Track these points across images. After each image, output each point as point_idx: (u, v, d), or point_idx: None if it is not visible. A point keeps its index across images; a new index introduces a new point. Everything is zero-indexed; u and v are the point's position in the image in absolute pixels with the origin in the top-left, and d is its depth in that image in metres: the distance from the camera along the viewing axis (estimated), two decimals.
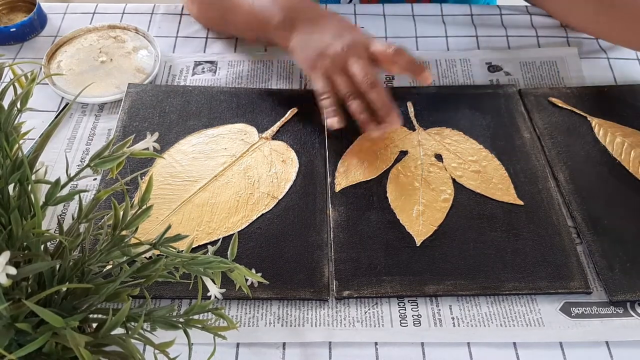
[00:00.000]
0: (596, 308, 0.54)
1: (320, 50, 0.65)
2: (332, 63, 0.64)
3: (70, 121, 0.69)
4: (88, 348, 0.32)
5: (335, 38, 0.65)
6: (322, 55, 0.65)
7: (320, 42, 0.66)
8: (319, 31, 0.67)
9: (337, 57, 0.64)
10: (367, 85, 0.62)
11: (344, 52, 0.63)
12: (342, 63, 0.63)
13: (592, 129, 0.68)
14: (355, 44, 0.64)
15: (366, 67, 0.63)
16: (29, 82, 0.37)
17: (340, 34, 0.65)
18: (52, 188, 0.37)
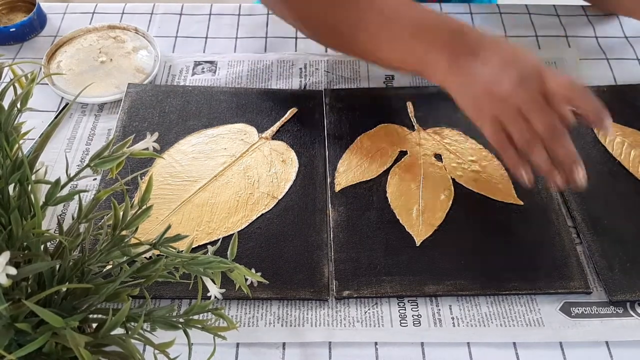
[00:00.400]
0: (596, 308, 0.54)
1: (485, 89, 0.54)
2: (502, 107, 0.53)
3: (70, 121, 0.69)
4: (88, 348, 0.32)
5: (502, 72, 0.54)
6: (488, 97, 0.54)
7: (484, 79, 0.55)
8: (481, 63, 0.55)
9: (507, 98, 0.53)
10: (550, 137, 0.52)
11: (515, 92, 0.53)
12: (515, 105, 0.53)
13: (592, 129, 0.68)
14: (527, 79, 0.53)
15: (547, 114, 0.52)
16: (29, 82, 0.37)
17: (507, 66, 0.54)
18: (52, 188, 0.37)
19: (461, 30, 0.58)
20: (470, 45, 0.56)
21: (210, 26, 0.82)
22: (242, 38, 0.80)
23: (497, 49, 0.56)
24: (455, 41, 0.57)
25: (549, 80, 0.53)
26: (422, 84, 0.74)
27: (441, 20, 0.59)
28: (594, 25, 0.82)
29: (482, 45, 0.56)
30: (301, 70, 0.76)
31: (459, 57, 0.56)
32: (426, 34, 0.58)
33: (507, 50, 0.56)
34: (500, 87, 0.53)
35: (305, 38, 0.80)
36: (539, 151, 0.53)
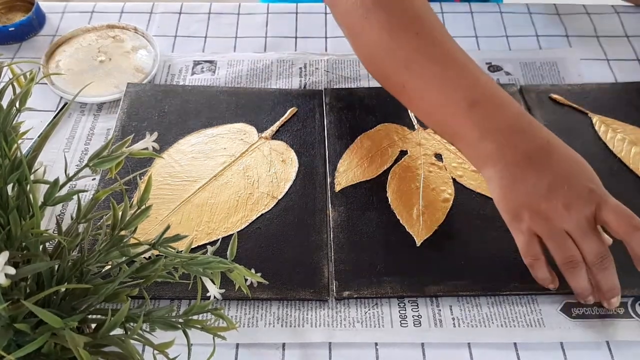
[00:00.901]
0: (597, 308, 0.54)
1: (532, 199, 0.51)
2: (546, 225, 0.50)
3: (69, 121, 0.69)
4: (87, 348, 0.31)
5: (556, 188, 0.50)
6: (533, 208, 0.51)
7: (534, 187, 0.50)
8: (534, 170, 0.51)
9: (553, 219, 0.50)
10: (598, 267, 0.50)
11: (563, 215, 0.50)
12: (562, 226, 0.50)
13: (593, 125, 0.68)
14: (582, 203, 0.50)
15: (597, 243, 0.50)
16: (28, 82, 0.37)
17: (562, 183, 0.50)
18: (51, 188, 0.36)
19: (524, 124, 0.53)
20: (530, 147, 0.52)
21: (210, 26, 0.82)
22: (242, 38, 0.80)
23: (558, 161, 0.52)
24: (516, 135, 0.52)
25: (605, 209, 0.50)
26: None
27: (505, 100, 0.54)
28: (595, 24, 0.82)
29: (544, 151, 0.52)
30: (301, 69, 0.75)
31: (514, 157, 0.52)
32: (486, 113, 0.53)
33: (566, 163, 0.52)
34: (550, 206, 0.50)
35: (305, 37, 0.80)
36: (581, 276, 0.51)
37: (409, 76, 0.56)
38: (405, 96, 0.59)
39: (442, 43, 0.56)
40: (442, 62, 0.55)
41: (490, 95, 0.54)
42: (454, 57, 0.56)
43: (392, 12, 0.57)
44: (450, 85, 0.54)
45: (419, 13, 0.57)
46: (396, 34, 0.56)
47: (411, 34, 0.56)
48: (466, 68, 0.55)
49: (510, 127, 0.53)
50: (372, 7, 0.57)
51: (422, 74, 0.56)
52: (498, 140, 0.52)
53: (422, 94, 0.57)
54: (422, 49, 0.56)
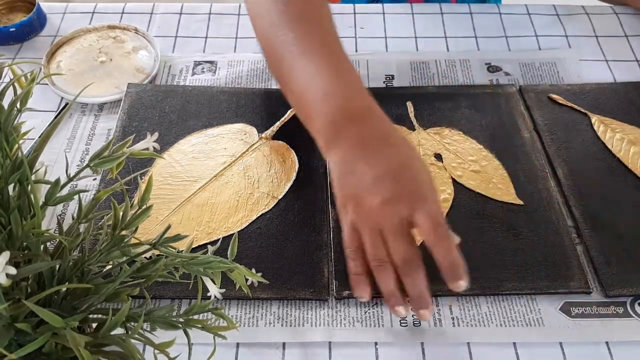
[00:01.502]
0: (596, 308, 0.54)
1: (357, 192, 0.50)
2: (365, 218, 0.50)
3: (70, 121, 0.69)
4: (88, 348, 0.32)
5: (380, 182, 0.50)
6: (356, 200, 0.50)
7: (360, 179, 0.50)
8: (365, 161, 0.51)
9: (372, 211, 0.49)
10: (404, 269, 0.48)
11: (382, 211, 0.49)
12: (377, 222, 0.49)
13: (592, 125, 0.68)
14: (400, 202, 0.49)
15: (406, 244, 0.49)
16: (29, 82, 0.37)
17: (387, 178, 0.50)
18: (52, 188, 0.37)
19: (367, 117, 0.54)
20: (365, 138, 0.52)
21: (210, 26, 0.82)
22: (242, 38, 0.80)
23: (390, 155, 0.51)
24: (356, 126, 0.53)
25: (419, 212, 0.48)
26: (422, 83, 0.74)
27: (356, 93, 0.55)
28: (594, 25, 0.82)
29: (379, 144, 0.52)
30: None
31: (349, 146, 0.52)
32: (335, 103, 0.54)
33: (397, 158, 0.51)
34: (370, 200, 0.49)
35: None
36: (387, 276, 0.49)
37: (283, 67, 0.59)
38: (282, 86, 0.62)
39: (317, 36, 0.58)
40: (310, 53, 0.57)
41: (343, 89, 0.55)
42: (325, 50, 0.57)
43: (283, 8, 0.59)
44: (313, 75, 0.56)
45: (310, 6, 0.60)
46: (278, 28, 0.59)
47: (295, 22, 0.59)
48: (332, 61, 0.57)
49: (353, 118, 0.53)
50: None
51: (291, 64, 0.57)
52: (340, 130, 0.52)
53: (289, 85, 0.59)
54: (297, 40, 0.58)
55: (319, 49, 0.57)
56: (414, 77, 0.75)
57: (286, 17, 0.59)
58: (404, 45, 0.79)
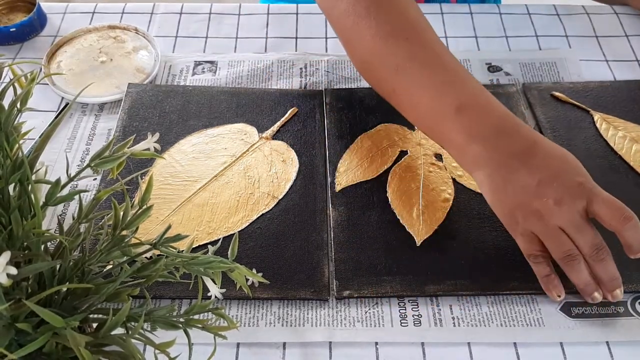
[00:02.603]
0: (596, 308, 0.54)
1: (524, 200, 0.51)
2: (541, 224, 0.51)
3: (70, 121, 0.69)
4: (88, 348, 0.32)
5: (545, 185, 0.50)
6: (526, 210, 0.51)
7: (523, 187, 0.51)
8: (523, 169, 0.51)
9: (547, 216, 0.50)
10: (595, 258, 0.50)
11: (557, 212, 0.50)
12: (554, 224, 0.50)
13: (594, 123, 0.68)
14: (572, 197, 0.50)
15: (591, 235, 0.50)
16: (29, 82, 0.37)
17: (550, 179, 0.50)
18: (53, 188, 0.37)
19: (509, 126, 0.53)
20: (517, 147, 0.52)
21: (211, 26, 0.82)
22: (242, 38, 0.80)
23: (545, 158, 0.52)
24: (503, 138, 0.53)
25: (595, 203, 0.50)
26: None
27: (491, 103, 0.55)
28: (594, 25, 0.82)
29: (531, 150, 0.52)
30: (301, 70, 0.76)
31: (501, 158, 0.52)
32: (473, 117, 0.54)
33: (553, 160, 0.52)
34: (540, 205, 0.50)
35: (305, 38, 0.80)
36: (581, 270, 0.51)
37: (399, 81, 0.57)
38: (396, 100, 0.60)
39: (431, 48, 0.57)
40: (430, 67, 0.56)
41: (476, 99, 0.55)
42: (443, 62, 0.56)
43: (381, 19, 0.58)
44: (439, 90, 0.55)
45: (409, 18, 0.58)
46: (386, 40, 0.57)
47: (401, 39, 0.57)
48: (454, 72, 0.56)
49: (496, 130, 0.53)
50: (363, 14, 0.58)
51: (412, 79, 0.56)
52: (485, 144, 0.52)
53: (411, 99, 0.57)
54: (412, 54, 0.57)
55: (437, 61, 0.56)
56: None
57: (394, 29, 0.58)
58: None
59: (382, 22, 0.58)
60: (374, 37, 0.58)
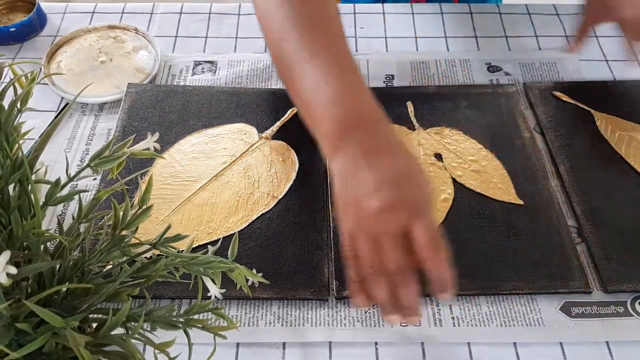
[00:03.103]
0: (596, 308, 0.54)
1: (357, 198, 0.49)
2: (362, 223, 0.49)
3: (70, 121, 0.69)
4: (88, 348, 0.32)
5: (380, 188, 0.49)
6: (356, 206, 0.49)
7: (361, 185, 0.50)
8: (368, 168, 0.50)
9: (370, 217, 0.48)
10: (398, 279, 0.48)
11: (379, 219, 0.48)
12: (374, 228, 0.49)
13: (595, 122, 0.68)
14: (398, 209, 0.48)
15: (401, 255, 0.48)
16: (29, 82, 0.37)
17: (388, 185, 0.49)
18: (52, 188, 0.37)
19: (374, 125, 0.53)
20: (371, 146, 0.51)
21: (211, 26, 0.82)
22: (242, 38, 0.80)
23: (392, 163, 0.50)
24: (361, 134, 0.52)
25: (418, 224, 0.47)
26: (422, 83, 0.74)
27: (363, 101, 0.55)
28: None
29: (382, 151, 0.51)
30: None
31: (354, 154, 0.51)
32: (342, 110, 0.54)
33: (399, 168, 0.50)
34: (369, 205, 0.48)
35: None
36: (381, 285, 0.48)
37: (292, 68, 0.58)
38: (284, 77, 0.61)
39: (323, 38, 0.57)
40: (318, 58, 0.56)
41: (350, 94, 0.55)
42: (332, 52, 0.57)
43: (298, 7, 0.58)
44: (320, 80, 0.55)
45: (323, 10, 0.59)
46: (293, 28, 0.58)
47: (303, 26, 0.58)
48: (339, 63, 0.56)
49: (359, 125, 0.53)
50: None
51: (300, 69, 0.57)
52: (345, 137, 0.52)
53: (296, 80, 0.57)
54: (305, 43, 0.57)
55: (327, 54, 0.56)
56: (414, 77, 0.75)
57: (294, 21, 0.58)
58: (404, 45, 0.79)
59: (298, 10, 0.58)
60: (279, 29, 0.59)
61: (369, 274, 0.48)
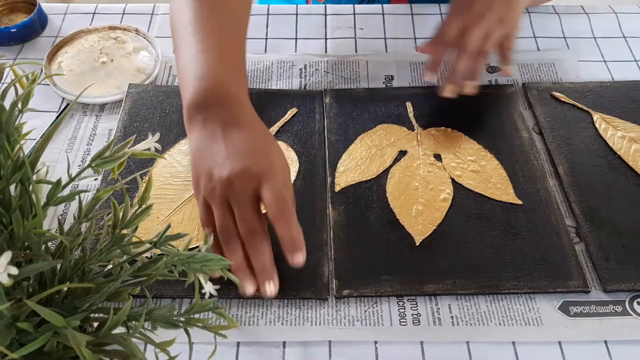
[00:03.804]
0: (595, 307, 0.54)
1: (209, 168, 0.52)
2: (213, 193, 0.51)
3: (71, 122, 0.70)
4: (89, 347, 0.32)
5: (232, 158, 0.52)
6: (208, 176, 0.52)
7: (214, 156, 0.52)
8: (223, 141, 0.53)
9: (221, 184, 0.51)
10: (248, 241, 0.51)
11: (230, 182, 0.50)
12: (225, 194, 0.51)
13: (593, 123, 0.68)
14: (248, 175, 0.51)
15: (250, 216, 0.51)
16: (30, 83, 0.37)
17: (239, 155, 0.52)
18: (53, 188, 0.37)
19: (235, 100, 0.56)
20: (227, 119, 0.54)
21: None
22: None
23: (242, 135, 0.53)
24: (219, 108, 0.55)
25: (265, 187, 0.50)
26: (421, 84, 0.74)
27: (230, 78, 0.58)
28: (593, 26, 0.82)
29: (236, 124, 0.54)
30: (301, 70, 0.76)
31: (212, 126, 0.54)
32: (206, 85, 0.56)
33: (252, 140, 0.54)
34: (220, 173, 0.51)
35: (305, 39, 0.80)
36: (235, 249, 0.51)
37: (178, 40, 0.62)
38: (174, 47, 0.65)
39: (213, 17, 0.61)
40: (201, 33, 0.60)
41: (220, 72, 0.57)
42: (217, 30, 0.61)
43: None
44: (197, 54, 0.58)
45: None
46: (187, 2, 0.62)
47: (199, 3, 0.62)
48: (221, 42, 0.60)
49: (218, 102, 0.55)
50: None
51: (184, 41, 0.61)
52: (203, 111, 0.55)
53: (179, 52, 0.62)
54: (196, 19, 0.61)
55: (211, 31, 0.60)
56: (414, 77, 0.75)
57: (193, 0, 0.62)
58: (404, 46, 0.79)
59: None
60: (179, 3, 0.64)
61: (223, 239, 0.51)
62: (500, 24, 0.65)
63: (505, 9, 0.65)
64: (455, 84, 0.65)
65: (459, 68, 0.65)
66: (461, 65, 0.65)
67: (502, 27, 0.65)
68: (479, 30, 0.64)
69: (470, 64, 0.65)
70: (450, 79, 0.65)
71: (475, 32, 0.64)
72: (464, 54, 0.64)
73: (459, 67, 0.65)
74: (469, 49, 0.64)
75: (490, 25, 0.64)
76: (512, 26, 0.66)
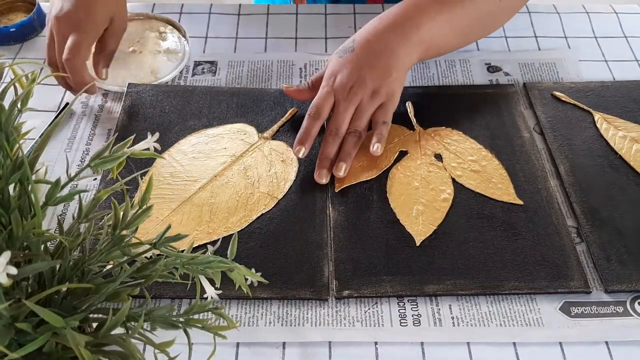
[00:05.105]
0: (596, 307, 0.54)
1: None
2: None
3: (70, 121, 0.69)
4: (88, 348, 0.32)
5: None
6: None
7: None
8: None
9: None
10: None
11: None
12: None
13: (594, 123, 0.68)
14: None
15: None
16: (30, 83, 0.37)
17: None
18: (53, 188, 0.37)
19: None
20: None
21: (210, 26, 0.82)
22: (242, 38, 0.80)
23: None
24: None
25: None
26: (422, 83, 0.74)
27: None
28: (594, 25, 0.82)
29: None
30: (301, 70, 0.76)
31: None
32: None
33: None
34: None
35: (305, 38, 0.80)
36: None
37: None
38: None
39: None
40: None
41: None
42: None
43: None
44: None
45: None
46: None
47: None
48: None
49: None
50: None
51: None
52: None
53: None
54: None
55: None
56: (414, 77, 0.75)
57: None
58: None
59: None
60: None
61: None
62: (373, 98, 0.63)
63: (379, 80, 0.63)
64: (327, 169, 0.62)
65: (327, 153, 0.62)
66: (328, 151, 0.62)
67: (375, 99, 0.64)
68: (348, 108, 0.63)
69: (342, 146, 0.63)
70: (321, 164, 0.62)
71: (341, 115, 0.63)
72: (330, 136, 0.63)
73: (327, 153, 0.62)
74: (339, 132, 0.63)
75: (361, 101, 0.63)
76: (389, 95, 0.64)
